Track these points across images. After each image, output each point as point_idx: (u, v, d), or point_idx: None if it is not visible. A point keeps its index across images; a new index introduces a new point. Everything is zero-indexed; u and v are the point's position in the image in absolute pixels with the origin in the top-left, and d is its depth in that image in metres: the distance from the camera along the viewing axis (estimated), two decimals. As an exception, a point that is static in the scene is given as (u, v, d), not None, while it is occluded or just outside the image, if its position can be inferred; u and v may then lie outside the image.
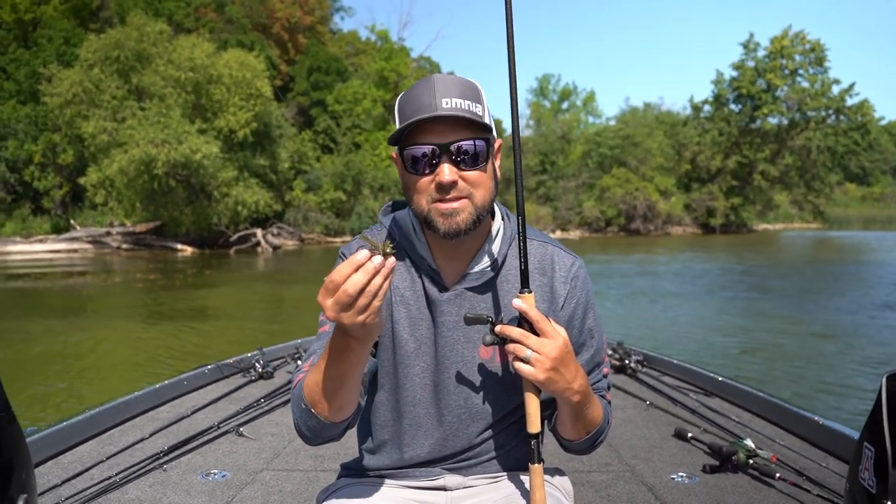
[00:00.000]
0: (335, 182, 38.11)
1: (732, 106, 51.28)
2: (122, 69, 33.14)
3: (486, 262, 1.49)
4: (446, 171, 1.35)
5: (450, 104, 1.34)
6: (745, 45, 50.29)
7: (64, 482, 2.60)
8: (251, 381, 4.23)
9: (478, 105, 1.38)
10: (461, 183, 1.37)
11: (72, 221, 36.40)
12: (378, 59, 45.82)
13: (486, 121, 1.38)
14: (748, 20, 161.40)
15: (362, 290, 1.11)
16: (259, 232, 34.19)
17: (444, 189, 1.36)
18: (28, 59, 37.81)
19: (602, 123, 59.83)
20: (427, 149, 1.35)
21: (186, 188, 32.54)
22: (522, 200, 1.38)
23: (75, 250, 32.80)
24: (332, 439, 1.41)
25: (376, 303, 1.13)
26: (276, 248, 33.84)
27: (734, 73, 50.69)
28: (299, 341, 5.14)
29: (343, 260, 1.46)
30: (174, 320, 12.52)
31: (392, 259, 1.13)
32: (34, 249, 32.50)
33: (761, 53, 49.82)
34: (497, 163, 1.47)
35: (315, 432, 1.37)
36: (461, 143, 1.35)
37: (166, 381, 3.88)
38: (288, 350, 4.99)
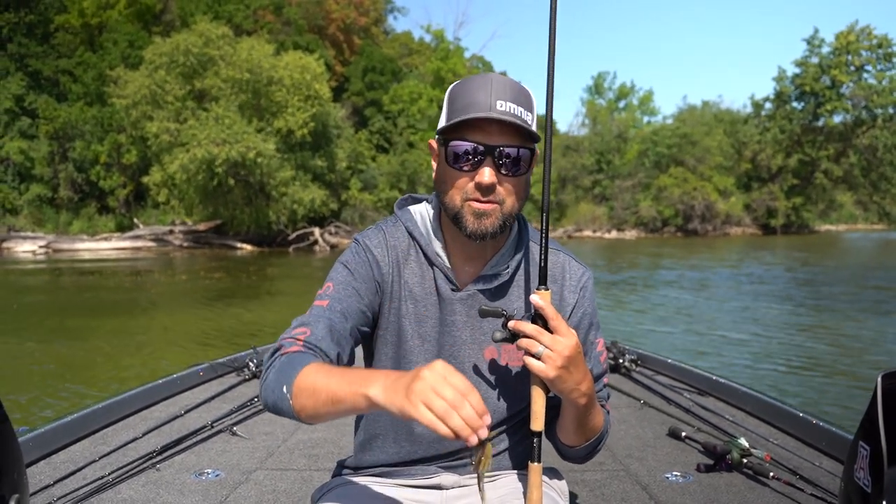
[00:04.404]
0: (391, 181, 38.47)
1: (795, 103, 50.14)
2: (185, 72, 33.95)
3: (501, 265, 1.49)
4: (487, 174, 1.34)
5: (504, 107, 1.33)
6: (809, 42, 49.12)
7: (56, 482, 2.56)
8: (245, 381, 4.18)
9: (528, 113, 1.37)
10: (498, 187, 1.36)
11: (135, 220, 37.42)
12: (434, 59, 46.02)
13: (535, 130, 1.38)
14: (812, 16, 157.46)
15: (454, 408, 1.05)
16: (317, 231, 34.66)
17: (482, 190, 1.35)
18: (95, 62, 39.00)
19: (659, 122, 59.10)
20: (472, 146, 1.35)
21: (245, 187, 33.16)
22: (548, 198, 1.36)
23: (139, 248, 33.68)
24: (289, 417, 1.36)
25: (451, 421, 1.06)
26: (333, 246, 34.20)
27: (797, 70, 49.61)
28: None
29: (357, 244, 1.52)
30: (243, 318, 12.68)
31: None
32: (100, 247, 33.49)
33: (826, 50, 48.61)
34: (531, 174, 1.47)
35: (277, 411, 1.31)
36: (507, 147, 1.35)
37: (159, 381, 3.85)
38: None
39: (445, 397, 1.04)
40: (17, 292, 16.68)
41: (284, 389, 1.25)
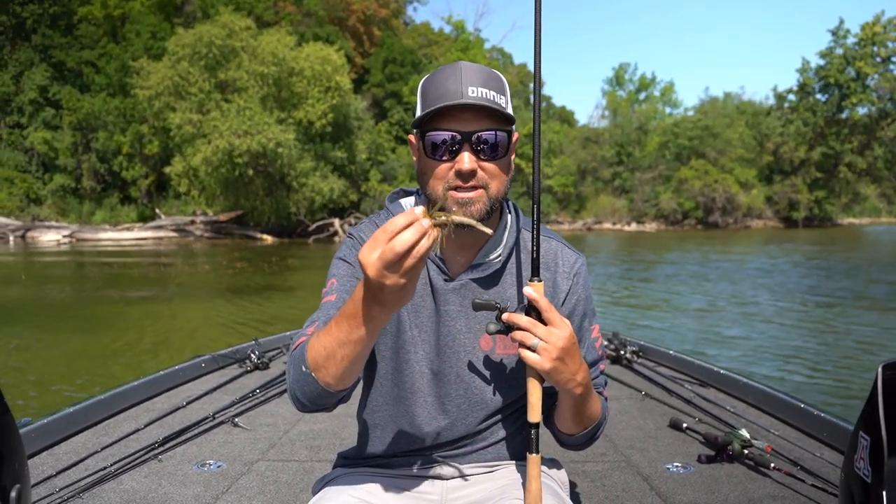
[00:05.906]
0: (410, 173, 38.46)
1: (819, 95, 49.50)
2: (209, 64, 34.17)
3: (493, 254, 1.49)
4: (466, 160, 1.34)
5: (476, 93, 1.33)
6: (834, 32, 48.45)
7: (58, 473, 2.56)
8: (247, 372, 4.21)
9: (501, 96, 1.37)
10: (480, 172, 1.36)
11: (157, 210, 37.77)
12: (454, 51, 45.93)
13: (510, 112, 1.38)
14: (837, 6, 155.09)
15: (410, 250, 1.06)
16: (337, 222, 34.92)
17: (463, 177, 1.35)
18: (118, 53, 39.35)
19: (680, 114, 58.59)
20: (449, 135, 1.35)
21: (266, 178, 33.37)
22: (538, 188, 1.37)
23: (161, 238, 34.03)
24: (325, 409, 1.38)
25: (420, 266, 1.09)
26: (352, 237, 34.42)
27: (821, 62, 48.94)
28: (294, 332, 4.99)
29: (352, 238, 1.52)
30: (270, 309, 12.76)
31: (428, 221, 1.08)
32: (123, 237, 33.88)
33: (851, 41, 47.92)
34: (513, 156, 1.46)
35: (311, 398, 1.32)
36: (483, 132, 1.35)
37: (161, 372, 3.85)
38: (283, 341, 4.98)
39: (390, 260, 1.06)
40: (42, 281, 16.92)
41: (303, 369, 1.29)
